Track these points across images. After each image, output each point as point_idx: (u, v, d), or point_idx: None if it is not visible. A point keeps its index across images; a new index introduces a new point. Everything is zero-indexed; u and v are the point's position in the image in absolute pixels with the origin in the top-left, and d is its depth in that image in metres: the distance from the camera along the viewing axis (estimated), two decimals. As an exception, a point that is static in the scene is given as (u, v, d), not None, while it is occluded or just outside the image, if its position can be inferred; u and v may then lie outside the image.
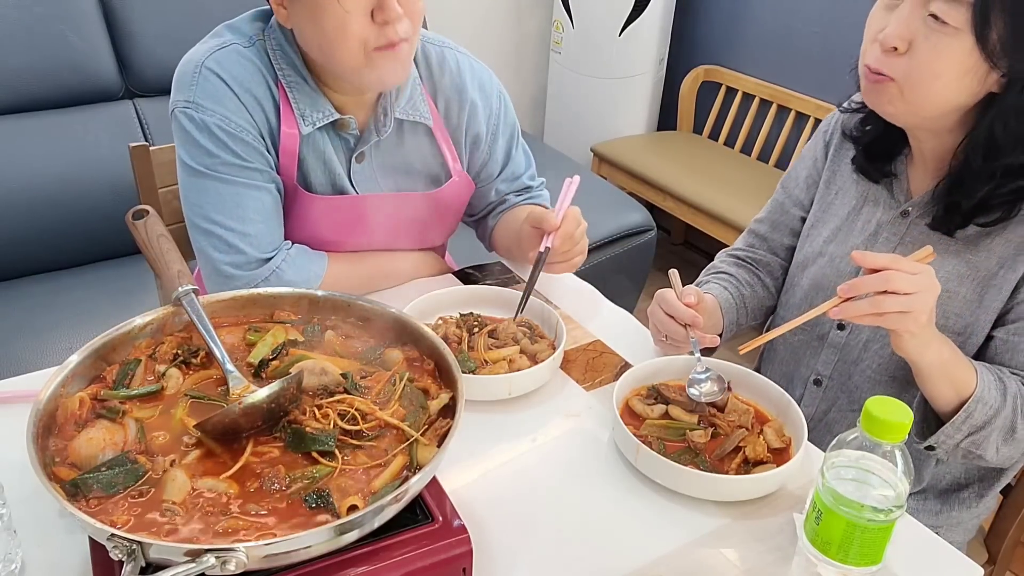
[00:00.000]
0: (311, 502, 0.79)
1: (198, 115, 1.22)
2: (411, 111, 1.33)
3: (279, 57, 1.25)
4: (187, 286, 0.96)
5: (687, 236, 3.54)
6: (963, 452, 1.10)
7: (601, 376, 1.21)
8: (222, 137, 1.22)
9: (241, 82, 1.23)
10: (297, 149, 1.27)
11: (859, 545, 0.84)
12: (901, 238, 1.21)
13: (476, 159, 1.44)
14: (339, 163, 1.32)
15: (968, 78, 1.04)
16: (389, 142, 1.34)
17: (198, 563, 0.69)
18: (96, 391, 0.90)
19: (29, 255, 2.16)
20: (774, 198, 1.43)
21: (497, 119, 1.43)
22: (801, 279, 1.32)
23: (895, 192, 1.23)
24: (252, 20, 1.29)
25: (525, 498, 1.00)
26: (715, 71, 3.28)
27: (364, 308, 1.03)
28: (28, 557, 0.86)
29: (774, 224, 1.41)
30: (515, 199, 1.51)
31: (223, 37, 1.26)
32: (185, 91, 1.23)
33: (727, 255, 1.45)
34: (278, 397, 0.86)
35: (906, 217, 1.20)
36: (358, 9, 1.13)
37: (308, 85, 1.25)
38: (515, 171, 1.49)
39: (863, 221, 1.25)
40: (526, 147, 1.52)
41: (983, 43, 1.00)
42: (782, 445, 1.06)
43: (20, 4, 2.20)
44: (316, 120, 1.26)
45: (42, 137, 2.22)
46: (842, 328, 1.25)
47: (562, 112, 3.40)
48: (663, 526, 0.97)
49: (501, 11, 3.40)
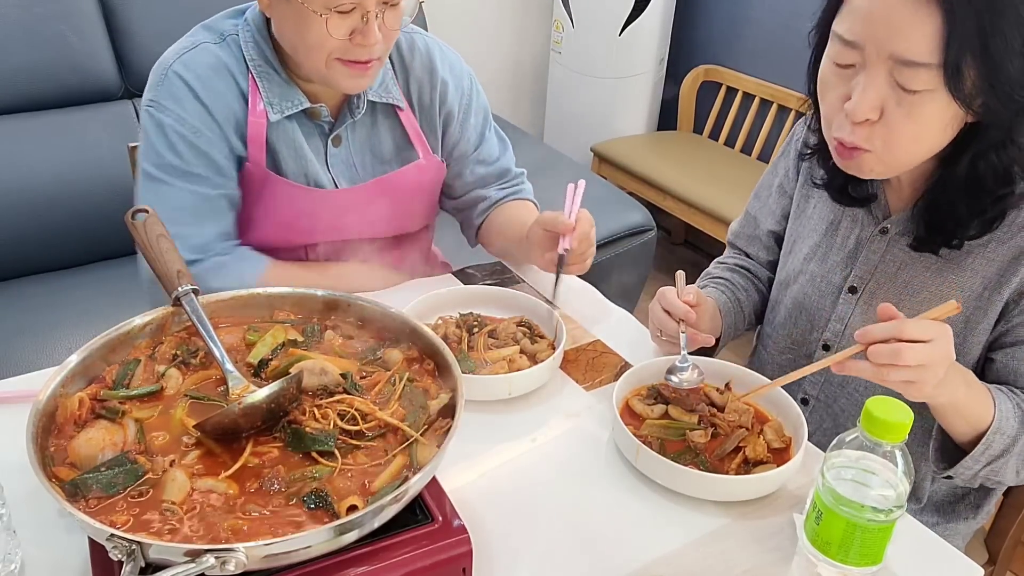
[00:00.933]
0: (310, 503, 0.79)
1: (157, 114, 1.27)
2: (383, 93, 1.36)
3: (251, 49, 1.29)
4: (187, 286, 0.96)
5: (687, 236, 3.54)
6: (982, 479, 1.08)
7: (601, 376, 1.21)
8: (172, 139, 1.26)
9: (205, 81, 1.27)
10: (264, 136, 1.30)
11: (859, 545, 0.84)
12: (882, 256, 1.17)
13: (449, 138, 1.46)
14: (312, 150, 1.34)
15: (948, 129, 0.99)
16: (363, 125, 1.37)
17: (198, 563, 0.69)
18: (96, 391, 0.90)
19: (29, 255, 2.15)
20: (747, 211, 1.42)
21: (468, 98, 1.45)
22: (784, 297, 1.30)
23: (873, 209, 1.18)
24: (226, 17, 1.33)
25: (525, 498, 1.00)
26: (715, 71, 3.28)
27: (364, 308, 1.03)
28: (28, 557, 0.85)
29: (749, 239, 1.41)
30: (498, 194, 1.51)
31: (195, 37, 1.31)
32: (152, 90, 1.29)
33: (719, 263, 1.45)
34: (278, 397, 0.86)
35: (885, 234, 1.16)
36: (340, 32, 1.18)
37: (279, 76, 1.29)
38: (490, 152, 1.50)
39: (841, 238, 1.22)
40: (502, 133, 1.55)
41: (958, 95, 0.94)
42: (782, 445, 1.06)
43: (20, 4, 2.20)
44: (284, 108, 1.29)
45: (42, 137, 2.21)
46: (827, 348, 1.23)
47: (562, 112, 3.40)
48: (663, 526, 0.97)
49: (501, 11, 3.40)
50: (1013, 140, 1.01)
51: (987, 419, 1.03)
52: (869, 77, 0.97)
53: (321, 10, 1.16)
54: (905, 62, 0.93)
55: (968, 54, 0.92)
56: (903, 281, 1.15)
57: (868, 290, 1.18)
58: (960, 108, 0.96)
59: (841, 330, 1.21)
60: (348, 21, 1.18)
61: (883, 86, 0.96)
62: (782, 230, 1.35)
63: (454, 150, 1.47)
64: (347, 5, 1.16)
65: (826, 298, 1.22)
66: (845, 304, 1.20)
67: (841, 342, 1.21)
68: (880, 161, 1.02)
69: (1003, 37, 0.91)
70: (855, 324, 1.19)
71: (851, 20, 0.98)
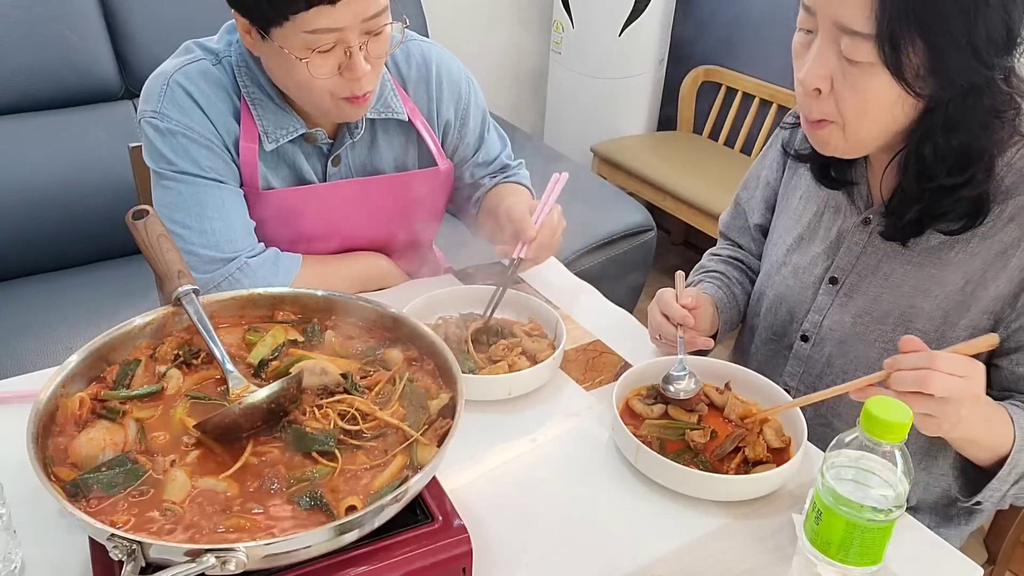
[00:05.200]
0: (309, 503, 0.79)
1: (163, 124, 1.24)
2: (383, 109, 1.34)
3: (243, 74, 1.27)
4: (187, 286, 0.96)
5: (687, 236, 3.54)
6: (1012, 499, 1.06)
7: (601, 376, 1.21)
8: (183, 144, 1.24)
9: (206, 96, 1.25)
10: (256, 163, 1.28)
11: (859, 545, 0.84)
12: (864, 247, 1.15)
13: (448, 144, 1.46)
14: (311, 170, 1.33)
15: (897, 108, 0.98)
16: (363, 143, 1.36)
17: (198, 563, 0.69)
18: (96, 391, 0.90)
19: (29, 255, 2.15)
20: (736, 201, 1.42)
21: (467, 104, 1.44)
22: (767, 289, 1.30)
23: (855, 199, 1.17)
24: (221, 36, 1.31)
25: (525, 498, 1.00)
26: (715, 71, 3.28)
27: (364, 308, 1.03)
28: (28, 557, 0.86)
29: (740, 230, 1.42)
30: (490, 181, 1.51)
31: (193, 52, 1.29)
32: (153, 102, 1.26)
33: (712, 255, 1.45)
34: (278, 397, 0.86)
35: (868, 225, 1.15)
36: (324, 71, 1.16)
37: (273, 102, 1.27)
38: (489, 154, 1.51)
39: (824, 229, 1.20)
40: (499, 129, 1.54)
41: (899, 75, 0.93)
42: (782, 445, 1.06)
43: (20, 4, 2.20)
44: (280, 137, 1.28)
45: (42, 137, 2.22)
46: (806, 340, 1.23)
47: (562, 112, 3.40)
48: (663, 526, 0.97)
49: (501, 11, 3.39)
50: (961, 127, 0.99)
51: (1008, 443, 0.99)
52: (819, 45, 0.97)
53: (301, 53, 1.14)
54: (845, 30, 0.94)
55: (905, 30, 0.91)
56: (884, 274, 1.14)
57: (848, 282, 1.17)
58: (902, 88, 0.95)
59: (819, 321, 1.20)
60: (331, 59, 1.16)
61: (831, 56, 0.97)
62: (767, 223, 1.35)
63: (453, 155, 1.47)
64: (327, 44, 1.14)
65: (807, 289, 1.21)
66: (825, 295, 1.19)
67: (819, 332, 1.21)
68: (843, 134, 1.02)
69: (940, 15, 0.90)
70: (833, 316, 1.18)
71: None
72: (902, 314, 1.12)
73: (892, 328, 1.13)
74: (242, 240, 1.27)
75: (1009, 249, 1.04)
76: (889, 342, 1.13)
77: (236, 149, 1.28)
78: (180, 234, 1.24)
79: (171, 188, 1.26)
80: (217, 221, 1.25)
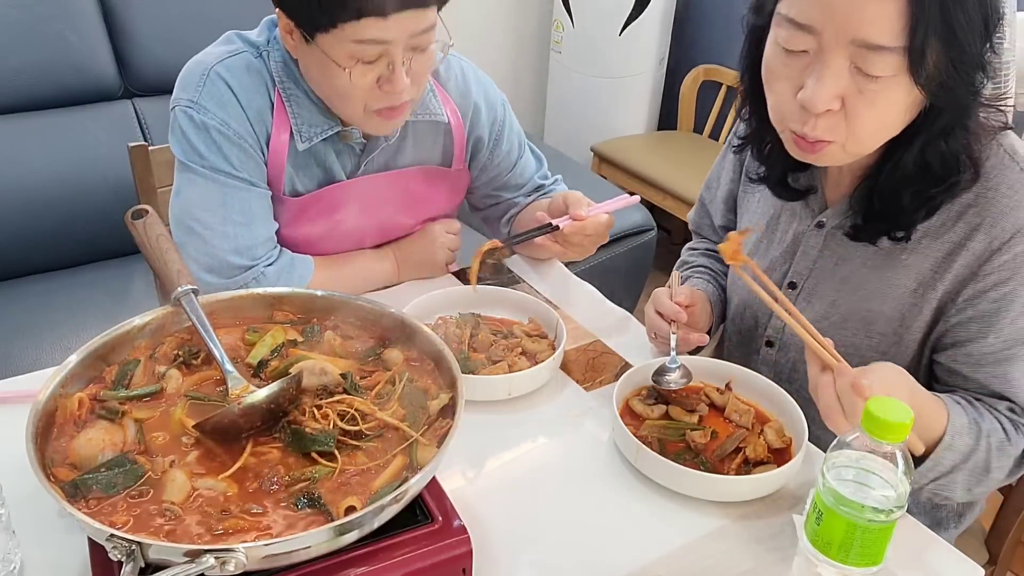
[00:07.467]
0: (303, 505, 0.79)
1: (199, 116, 1.22)
2: (421, 112, 1.33)
3: (281, 70, 1.25)
4: (187, 286, 0.96)
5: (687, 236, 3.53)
6: (929, 494, 1.05)
7: (601, 376, 1.21)
8: (218, 140, 1.22)
9: (247, 91, 1.23)
10: (285, 158, 1.27)
11: (860, 545, 0.83)
12: (820, 251, 1.14)
13: (477, 163, 1.45)
14: (341, 169, 1.32)
15: (907, 114, 0.96)
16: (391, 145, 1.35)
17: (197, 563, 0.69)
18: (95, 391, 0.90)
19: (29, 255, 2.15)
20: (700, 200, 1.42)
21: (501, 126, 1.44)
22: (732, 294, 1.30)
23: (810, 202, 1.16)
24: (262, 30, 1.29)
25: (525, 498, 1.00)
26: (715, 71, 3.28)
27: (364, 308, 1.03)
28: (27, 557, 0.85)
29: (708, 228, 1.42)
30: (525, 200, 1.52)
31: (235, 44, 1.26)
32: (190, 91, 1.23)
33: (691, 249, 1.45)
34: (277, 397, 0.86)
35: (822, 228, 1.14)
36: (366, 82, 1.15)
37: (309, 98, 1.26)
38: (523, 175, 1.50)
39: (780, 233, 1.20)
40: (536, 150, 1.53)
41: (920, 79, 0.90)
42: (782, 445, 1.05)
43: (20, 4, 2.20)
44: (313, 136, 1.26)
45: (41, 137, 2.21)
46: (771, 345, 1.23)
47: (562, 112, 3.40)
48: (663, 526, 0.97)
49: (501, 11, 3.39)
50: (964, 126, 0.98)
51: (938, 433, 0.98)
52: (827, 65, 0.92)
53: (344, 62, 1.13)
54: (869, 47, 0.89)
55: (933, 36, 0.88)
56: (842, 277, 1.13)
57: (807, 287, 1.17)
58: (920, 93, 0.92)
59: (782, 327, 1.20)
60: (374, 70, 1.14)
61: (843, 74, 0.92)
62: (729, 224, 1.35)
63: (482, 174, 1.47)
64: (372, 55, 1.12)
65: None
66: None
67: (782, 338, 1.21)
68: (843, 149, 0.98)
69: (967, 17, 0.89)
70: None
71: (804, 2, 0.92)
72: (862, 318, 1.11)
73: (853, 333, 1.12)
74: (262, 247, 1.26)
75: (956, 248, 1.04)
76: (851, 346, 1.12)
77: (267, 147, 1.26)
78: (200, 233, 1.23)
79: (198, 184, 1.23)
80: (241, 226, 1.24)
